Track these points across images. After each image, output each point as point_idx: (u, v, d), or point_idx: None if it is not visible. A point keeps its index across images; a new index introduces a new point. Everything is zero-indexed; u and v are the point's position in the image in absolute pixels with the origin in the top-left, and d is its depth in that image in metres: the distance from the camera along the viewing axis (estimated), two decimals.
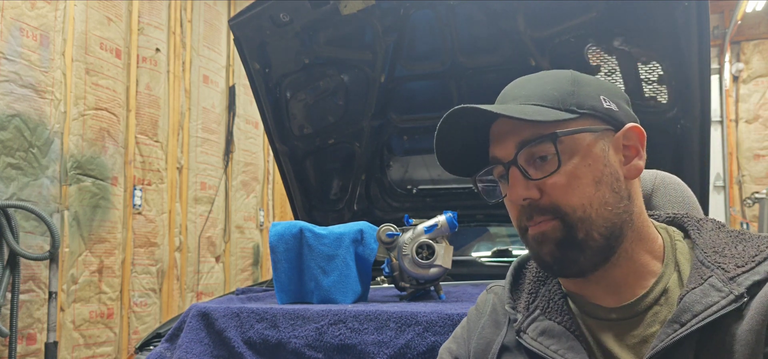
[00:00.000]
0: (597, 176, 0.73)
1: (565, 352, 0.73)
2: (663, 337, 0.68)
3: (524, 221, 0.76)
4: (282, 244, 1.68)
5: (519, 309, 0.81)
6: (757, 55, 5.77)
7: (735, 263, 0.70)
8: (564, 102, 0.74)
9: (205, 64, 4.25)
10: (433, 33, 2.09)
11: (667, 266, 0.76)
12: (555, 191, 0.73)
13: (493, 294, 0.90)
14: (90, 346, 3.20)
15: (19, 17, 2.77)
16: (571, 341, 0.74)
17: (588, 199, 0.72)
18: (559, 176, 0.73)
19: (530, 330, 0.78)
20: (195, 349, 1.44)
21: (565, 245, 0.73)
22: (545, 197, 0.73)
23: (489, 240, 3.12)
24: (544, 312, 0.78)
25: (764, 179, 5.69)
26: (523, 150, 0.74)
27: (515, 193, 0.74)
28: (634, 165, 0.76)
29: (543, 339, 0.76)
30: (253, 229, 4.81)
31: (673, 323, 0.68)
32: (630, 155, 0.77)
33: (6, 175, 2.69)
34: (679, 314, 0.68)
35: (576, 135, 0.73)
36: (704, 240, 0.76)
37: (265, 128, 2.36)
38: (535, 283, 0.83)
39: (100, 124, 3.24)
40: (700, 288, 0.69)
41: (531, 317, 0.79)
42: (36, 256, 2.75)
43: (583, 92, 0.76)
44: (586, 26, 1.89)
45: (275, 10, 2.02)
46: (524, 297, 0.82)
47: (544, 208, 0.74)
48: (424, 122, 2.37)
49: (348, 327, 1.36)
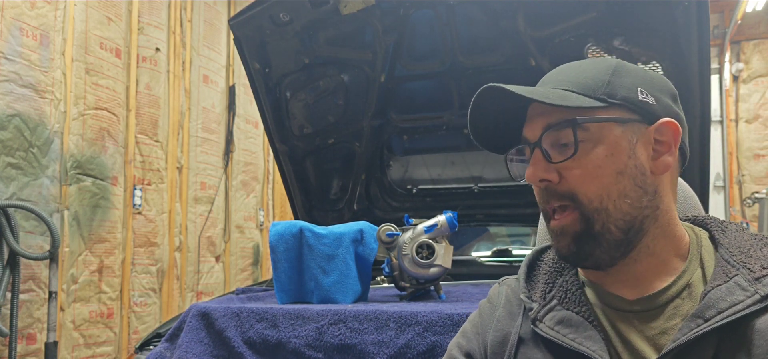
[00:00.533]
0: (619, 168, 0.73)
1: (582, 341, 0.72)
2: (685, 330, 0.68)
3: (544, 204, 0.77)
4: (282, 244, 1.68)
5: (535, 298, 0.81)
6: (757, 54, 5.76)
7: (761, 265, 0.70)
8: (596, 90, 0.74)
9: (205, 63, 4.25)
10: (433, 33, 2.09)
11: (691, 262, 0.76)
12: (573, 177, 0.73)
13: (507, 286, 0.89)
14: (90, 346, 3.20)
15: (19, 17, 2.77)
16: (589, 330, 0.73)
17: (606, 190, 0.72)
18: (577, 163, 0.73)
19: (547, 320, 0.77)
20: (195, 349, 1.44)
21: (581, 238, 0.74)
22: (563, 183, 0.74)
23: (489, 240, 3.12)
24: (560, 301, 0.78)
25: (764, 178, 5.69)
26: (548, 133, 0.74)
27: (533, 172, 0.75)
28: (662, 161, 0.75)
29: (560, 328, 0.75)
30: (253, 229, 4.81)
31: (697, 317, 0.68)
32: (661, 151, 0.75)
33: (6, 175, 2.69)
34: (704, 309, 0.68)
35: (602, 124, 0.73)
36: (729, 240, 0.76)
37: (265, 127, 2.36)
38: (552, 274, 0.83)
39: (100, 124, 3.24)
40: (725, 285, 0.69)
41: (547, 306, 0.78)
42: (36, 256, 2.75)
43: (619, 82, 0.75)
44: (586, 26, 1.89)
45: (275, 10, 2.02)
46: (540, 287, 0.82)
47: (561, 193, 0.74)
48: (424, 122, 2.37)
49: (348, 327, 1.36)
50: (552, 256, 0.86)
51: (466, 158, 2.45)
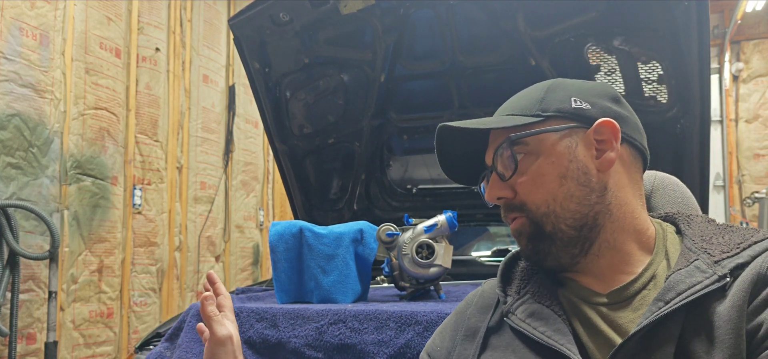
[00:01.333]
0: (561, 172, 0.78)
1: (551, 334, 0.75)
2: (648, 314, 0.70)
3: (505, 218, 0.84)
4: (282, 244, 1.68)
5: (509, 293, 0.85)
6: (757, 54, 5.76)
7: (721, 250, 0.74)
8: (531, 109, 0.81)
9: (204, 63, 4.25)
10: (433, 32, 2.09)
11: (656, 254, 0.79)
12: (523, 189, 0.80)
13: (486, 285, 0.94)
14: (90, 346, 3.20)
15: (19, 17, 2.77)
16: (559, 324, 0.76)
17: (552, 194, 0.78)
18: (524, 176, 0.80)
19: (519, 312, 0.81)
20: (195, 349, 1.44)
21: (535, 238, 0.80)
22: (517, 197, 0.81)
23: (489, 240, 3.12)
24: (533, 295, 0.82)
25: (764, 178, 5.69)
26: (496, 155, 0.81)
27: (489, 194, 0.83)
28: (605, 158, 0.79)
29: (531, 321, 0.78)
30: (253, 229, 4.81)
31: (658, 301, 0.71)
32: (603, 149, 0.80)
33: (6, 174, 2.69)
34: (664, 292, 0.71)
35: (539, 136, 0.79)
36: (693, 231, 0.80)
37: (265, 127, 2.36)
38: (528, 272, 0.87)
39: (99, 123, 3.24)
40: (685, 269, 0.73)
41: (520, 300, 0.82)
42: (36, 256, 2.75)
43: (552, 97, 0.82)
44: (586, 26, 1.89)
45: (275, 10, 2.02)
46: (516, 283, 0.86)
47: (515, 206, 0.81)
48: (424, 122, 2.37)
49: (348, 327, 1.36)
50: None
51: None
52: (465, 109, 2.27)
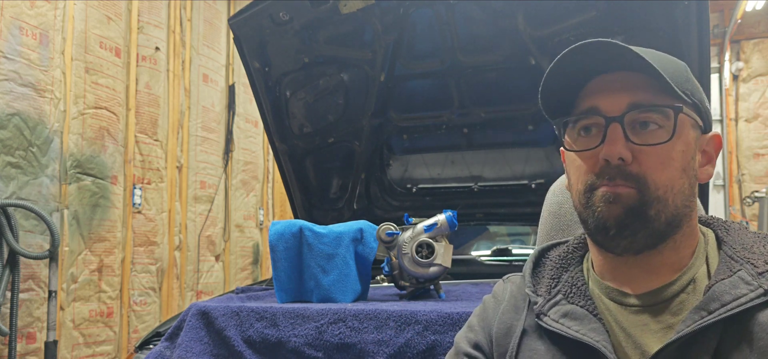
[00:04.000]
0: (685, 165, 0.75)
1: (587, 332, 0.74)
2: (689, 322, 0.69)
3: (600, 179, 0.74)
4: (282, 243, 1.68)
5: (540, 293, 0.82)
6: (756, 54, 5.76)
7: (764, 260, 0.72)
8: (680, 84, 0.74)
9: (204, 62, 4.24)
10: (433, 32, 2.09)
11: (696, 258, 0.77)
12: (649, 161, 0.73)
13: (511, 282, 0.90)
14: (90, 345, 3.20)
15: (19, 16, 2.77)
16: (594, 323, 0.75)
17: (672, 182, 0.73)
18: (658, 150, 0.73)
19: (551, 313, 0.78)
20: (195, 348, 1.44)
21: (633, 214, 0.73)
22: (635, 165, 0.73)
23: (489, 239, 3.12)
24: (565, 296, 0.79)
25: (764, 177, 5.69)
26: (633, 112, 0.73)
27: (614, 148, 0.72)
28: (705, 170, 0.79)
29: (565, 321, 0.76)
30: (253, 228, 4.81)
31: (700, 310, 0.69)
32: (705, 161, 0.79)
33: (5, 174, 2.69)
34: (707, 302, 0.69)
35: (685, 118, 0.75)
36: (733, 238, 0.77)
37: (265, 126, 2.36)
38: (557, 270, 0.84)
39: (99, 123, 3.24)
40: (729, 279, 0.71)
41: (552, 300, 0.80)
42: (36, 255, 2.74)
43: (693, 84, 0.77)
44: (586, 25, 1.89)
45: (275, 9, 2.02)
46: (545, 282, 0.83)
47: (630, 174, 0.73)
48: (424, 121, 2.37)
49: (348, 326, 1.36)
50: (558, 253, 0.88)
51: (466, 157, 2.45)
52: (465, 108, 2.27)
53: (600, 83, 0.77)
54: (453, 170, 2.48)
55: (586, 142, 0.77)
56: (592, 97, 0.77)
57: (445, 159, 2.48)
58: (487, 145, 2.39)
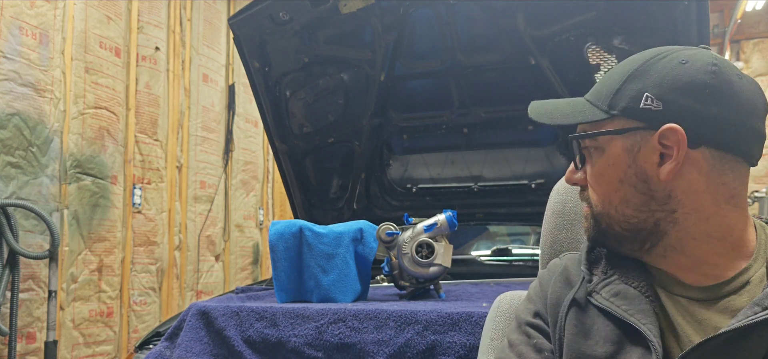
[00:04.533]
0: (620, 176, 0.76)
1: (634, 313, 0.73)
2: (742, 317, 0.67)
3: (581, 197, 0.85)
4: (282, 243, 1.68)
5: (595, 272, 0.82)
6: (756, 53, 5.77)
7: None
8: (603, 101, 0.78)
9: (204, 62, 4.24)
10: (433, 31, 2.09)
11: (755, 260, 0.74)
12: (589, 182, 0.81)
13: (567, 258, 0.90)
14: (90, 345, 3.20)
15: (19, 16, 2.77)
16: (644, 304, 0.74)
17: (608, 197, 0.78)
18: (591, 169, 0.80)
19: (604, 292, 0.78)
20: (195, 348, 1.44)
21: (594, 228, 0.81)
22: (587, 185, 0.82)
23: (488, 239, 3.12)
24: (621, 277, 0.79)
25: (764, 177, 5.69)
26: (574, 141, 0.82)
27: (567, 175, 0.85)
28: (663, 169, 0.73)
29: (615, 300, 0.76)
30: (253, 228, 4.81)
31: (755, 305, 0.67)
32: (668, 155, 0.73)
33: (5, 173, 2.69)
34: (764, 298, 0.67)
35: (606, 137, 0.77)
36: None
37: (265, 126, 2.36)
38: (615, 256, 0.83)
39: (99, 123, 3.24)
40: None
41: (607, 279, 0.80)
42: (35, 255, 2.74)
43: (626, 89, 0.75)
44: (586, 25, 1.89)
45: (275, 9, 2.02)
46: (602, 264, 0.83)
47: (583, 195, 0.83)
48: (424, 121, 2.37)
49: (348, 326, 1.36)
50: None
51: (466, 157, 2.45)
52: (465, 108, 2.27)
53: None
54: (453, 170, 2.49)
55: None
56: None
57: (444, 159, 2.48)
58: (487, 145, 2.39)
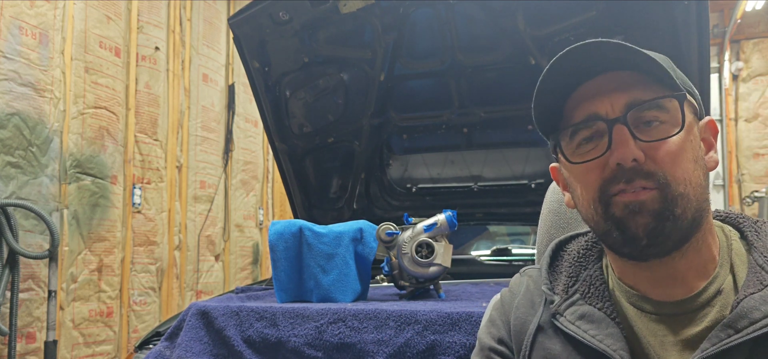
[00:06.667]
0: (695, 155, 0.70)
1: (603, 338, 0.70)
2: (715, 340, 0.64)
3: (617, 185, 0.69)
4: (281, 243, 1.68)
5: (557, 291, 0.78)
6: (756, 53, 5.76)
7: None
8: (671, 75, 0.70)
9: (204, 62, 4.24)
10: (433, 31, 2.09)
11: (721, 267, 0.72)
12: (665, 158, 0.68)
13: (527, 276, 0.85)
14: (89, 345, 3.20)
15: (19, 16, 2.77)
16: (612, 327, 0.70)
17: (689, 175, 0.69)
18: (670, 144, 0.68)
19: (568, 314, 0.74)
20: (194, 348, 1.44)
21: (662, 216, 0.67)
22: (649, 163, 0.68)
23: (488, 239, 3.12)
24: (584, 296, 0.75)
25: (764, 177, 5.69)
26: (634, 110, 0.69)
27: (625, 151, 0.68)
28: (711, 157, 0.74)
29: (581, 324, 0.72)
30: (253, 228, 4.81)
31: (728, 328, 0.64)
32: (706, 148, 0.74)
33: (5, 173, 2.69)
34: (736, 319, 0.64)
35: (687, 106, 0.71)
36: (763, 243, 0.72)
37: (265, 126, 2.35)
38: (576, 267, 0.80)
39: (99, 122, 3.24)
40: (759, 294, 0.66)
41: (569, 300, 0.75)
42: (35, 255, 2.74)
43: (681, 73, 0.74)
44: (586, 25, 1.89)
45: (275, 9, 2.02)
46: (563, 279, 0.79)
47: (649, 173, 0.68)
48: (424, 121, 2.37)
49: (347, 326, 1.36)
50: (576, 248, 0.83)
51: (466, 156, 2.45)
52: (465, 108, 2.26)
53: (590, 89, 0.73)
54: (453, 169, 2.49)
55: (591, 151, 0.72)
56: (585, 104, 0.72)
57: (444, 159, 2.48)
58: (486, 145, 2.39)
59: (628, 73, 0.71)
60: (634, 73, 0.71)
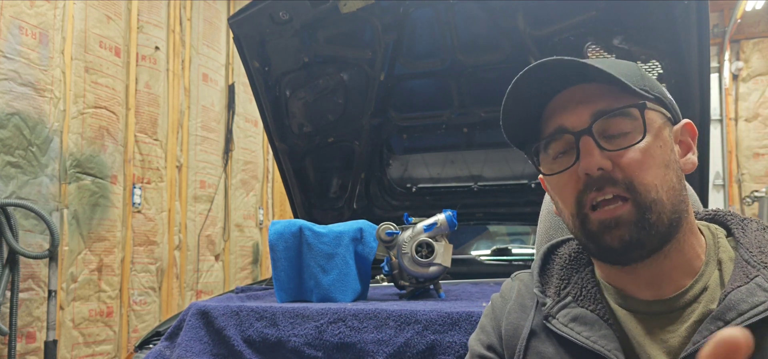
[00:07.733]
0: (665, 160, 0.72)
1: (597, 340, 0.71)
2: (705, 332, 0.66)
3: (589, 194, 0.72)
4: (281, 242, 1.68)
5: (548, 294, 0.79)
6: (756, 53, 5.76)
7: None
8: (638, 83, 0.73)
9: (204, 62, 4.24)
10: (433, 31, 2.09)
11: (708, 264, 0.74)
12: (631, 165, 0.70)
13: (519, 280, 0.87)
14: (89, 345, 3.20)
15: (19, 15, 2.77)
16: (604, 329, 0.72)
17: (659, 180, 0.70)
18: (635, 151, 0.70)
19: (560, 316, 0.76)
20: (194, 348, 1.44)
21: (638, 227, 0.70)
22: (617, 170, 0.71)
23: (488, 239, 3.12)
24: (576, 299, 0.76)
25: (764, 177, 5.69)
26: (599, 121, 0.72)
27: (590, 161, 0.70)
28: (689, 159, 0.76)
29: (574, 326, 0.74)
30: (253, 227, 4.81)
31: (717, 320, 0.66)
32: (684, 151, 0.77)
33: (5, 173, 2.69)
34: (724, 311, 0.66)
35: (650, 113, 0.72)
36: (749, 240, 0.74)
37: (265, 126, 2.35)
38: (567, 270, 0.81)
39: (99, 122, 3.24)
40: (745, 286, 0.67)
41: (561, 303, 0.77)
42: (35, 254, 2.74)
43: (650, 80, 0.76)
44: (586, 24, 1.89)
45: (275, 9, 2.02)
46: (554, 282, 0.80)
47: (617, 180, 0.70)
48: (424, 121, 2.37)
49: (347, 326, 1.36)
50: (567, 252, 0.84)
51: (466, 156, 2.45)
52: (465, 107, 2.27)
53: (560, 101, 0.76)
54: (453, 169, 2.49)
55: (563, 163, 0.75)
56: (555, 117, 0.75)
57: (444, 159, 2.48)
58: (486, 145, 2.39)
59: (596, 85, 0.74)
60: (599, 86, 0.74)
